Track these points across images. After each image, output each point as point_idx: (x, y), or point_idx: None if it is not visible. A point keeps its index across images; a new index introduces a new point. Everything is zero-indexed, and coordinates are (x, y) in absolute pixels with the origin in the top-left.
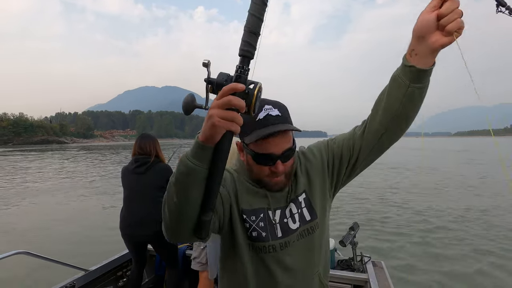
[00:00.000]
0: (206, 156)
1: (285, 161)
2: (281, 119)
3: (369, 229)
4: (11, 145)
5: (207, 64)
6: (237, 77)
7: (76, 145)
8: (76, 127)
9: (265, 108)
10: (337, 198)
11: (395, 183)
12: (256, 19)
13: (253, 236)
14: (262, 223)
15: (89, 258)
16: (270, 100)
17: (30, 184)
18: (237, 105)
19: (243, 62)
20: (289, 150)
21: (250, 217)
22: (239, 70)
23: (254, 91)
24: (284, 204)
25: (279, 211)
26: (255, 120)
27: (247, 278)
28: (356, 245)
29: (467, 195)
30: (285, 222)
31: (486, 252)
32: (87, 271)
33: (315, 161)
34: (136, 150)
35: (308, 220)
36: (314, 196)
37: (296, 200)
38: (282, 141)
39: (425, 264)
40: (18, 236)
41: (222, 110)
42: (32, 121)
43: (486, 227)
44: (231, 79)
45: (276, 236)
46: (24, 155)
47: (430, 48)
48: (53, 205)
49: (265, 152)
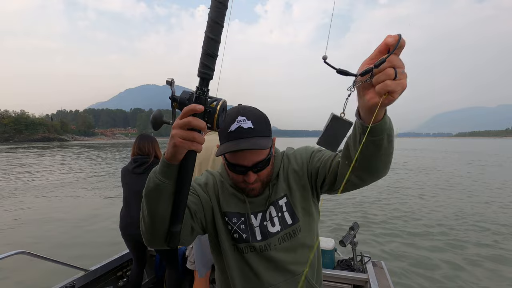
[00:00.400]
0: (172, 173)
1: (257, 172)
2: (253, 132)
3: (369, 229)
4: (12, 142)
5: (171, 82)
6: (197, 98)
7: (77, 143)
8: (77, 125)
9: (238, 120)
10: (337, 198)
11: (395, 182)
12: (212, 42)
13: (235, 237)
14: (243, 225)
15: (89, 258)
16: (248, 109)
17: (29, 182)
18: (197, 126)
19: (202, 84)
20: (261, 162)
21: (232, 219)
22: (198, 91)
23: (217, 107)
24: (264, 207)
25: (260, 214)
26: (227, 131)
27: (234, 277)
28: (356, 245)
29: (467, 194)
30: (265, 225)
31: (486, 252)
32: (87, 271)
33: (298, 168)
34: (135, 150)
35: (290, 224)
36: (295, 200)
37: (276, 203)
38: (252, 154)
39: (425, 264)
40: (18, 236)
41: (183, 130)
42: (33, 118)
43: (488, 228)
44: (193, 98)
45: (256, 239)
46: (25, 152)
47: (366, 105)
48: (53, 204)
49: (236, 162)
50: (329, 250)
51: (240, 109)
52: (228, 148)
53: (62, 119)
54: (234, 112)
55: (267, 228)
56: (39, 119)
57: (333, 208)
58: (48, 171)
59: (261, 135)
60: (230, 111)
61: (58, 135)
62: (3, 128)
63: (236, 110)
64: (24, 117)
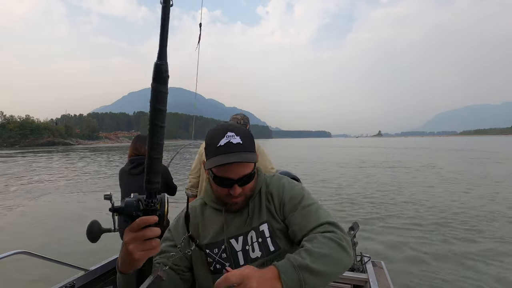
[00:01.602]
0: (131, 280)
1: (242, 185)
2: (241, 147)
3: (369, 229)
4: (18, 147)
5: (109, 197)
6: (147, 211)
7: (82, 147)
8: (82, 129)
9: (227, 135)
10: (337, 198)
11: (395, 182)
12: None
13: (217, 268)
14: (225, 254)
15: (89, 258)
16: (235, 126)
17: (29, 185)
18: (153, 236)
19: (150, 197)
20: (247, 176)
21: (213, 251)
22: (149, 204)
23: (165, 207)
24: (244, 230)
25: (241, 237)
26: (217, 146)
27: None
28: (356, 245)
29: (468, 194)
30: (247, 249)
31: (488, 252)
32: (87, 270)
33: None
34: (132, 151)
35: (272, 251)
36: (276, 227)
37: (257, 228)
38: (240, 167)
39: (425, 264)
40: (18, 236)
41: (141, 243)
42: (38, 123)
43: (490, 225)
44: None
45: (239, 264)
46: (31, 156)
47: None
48: (53, 204)
49: (223, 176)
50: None
51: (228, 126)
52: (218, 161)
53: (66, 123)
54: (223, 128)
55: (248, 253)
56: (44, 124)
57: (333, 208)
58: (52, 173)
59: (249, 150)
60: (218, 127)
61: (62, 139)
62: (8, 133)
63: (225, 127)
64: (29, 122)
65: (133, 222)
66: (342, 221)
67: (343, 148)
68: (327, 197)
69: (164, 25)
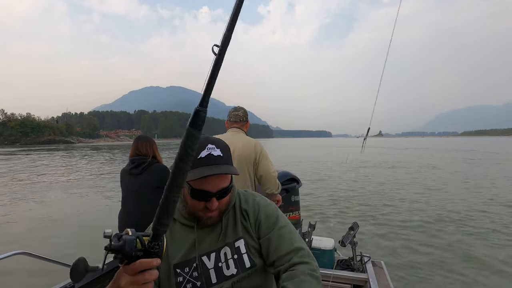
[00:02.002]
0: None
1: (220, 198)
2: (222, 159)
3: (369, 229)
4: (19, 145)
5: (110, 235)
6: (148, 253)
7: (82, 145)
8: (82, 127)
9: (208, 147)
10: (336, 197)
11: (396, 182)
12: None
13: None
14: (196, 272)
15: (89, 258)
16: (215, 139)
17: (30, 184)
18: (152, 280)
19: (154, 239)
20: (225, 189)
21: (184, 270)
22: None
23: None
24: (217, 246)
25: (213, 254)
26: (197, 158)
27: None
28: (355, 245)
29: (467, 193)
30: (220, 266)
31: (488, 252)
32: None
33: (251, 218)
34: (134, 151)
35: (248, 267)
36: (250, 244)
37: (232, 244)
38: (219, 180)
39: (425, 263)
40: (18, 236)
41: (138, 286)
42: (39, 121)
43: (490, 225)
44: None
45: (211, 282)
46: (32, 154)
47: None
48: (53, 204)
49: (201, 188)
50: (328, 250)
51: (208, 139)
52: (201, 173)
53: (67, 121)
54: (203, 141)
55: (222, 270)
56: (45, 122)
57: (332, 207)
58: (52, 172)
59: (229, 163)
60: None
61: (63, 137)
62: (9, 131)
63: (205, 139)
64: (30, 120)
65: (132, 263)
66: (342, 221)
67: (343, 148)
68: (327, 197)
69: (213, 75)
